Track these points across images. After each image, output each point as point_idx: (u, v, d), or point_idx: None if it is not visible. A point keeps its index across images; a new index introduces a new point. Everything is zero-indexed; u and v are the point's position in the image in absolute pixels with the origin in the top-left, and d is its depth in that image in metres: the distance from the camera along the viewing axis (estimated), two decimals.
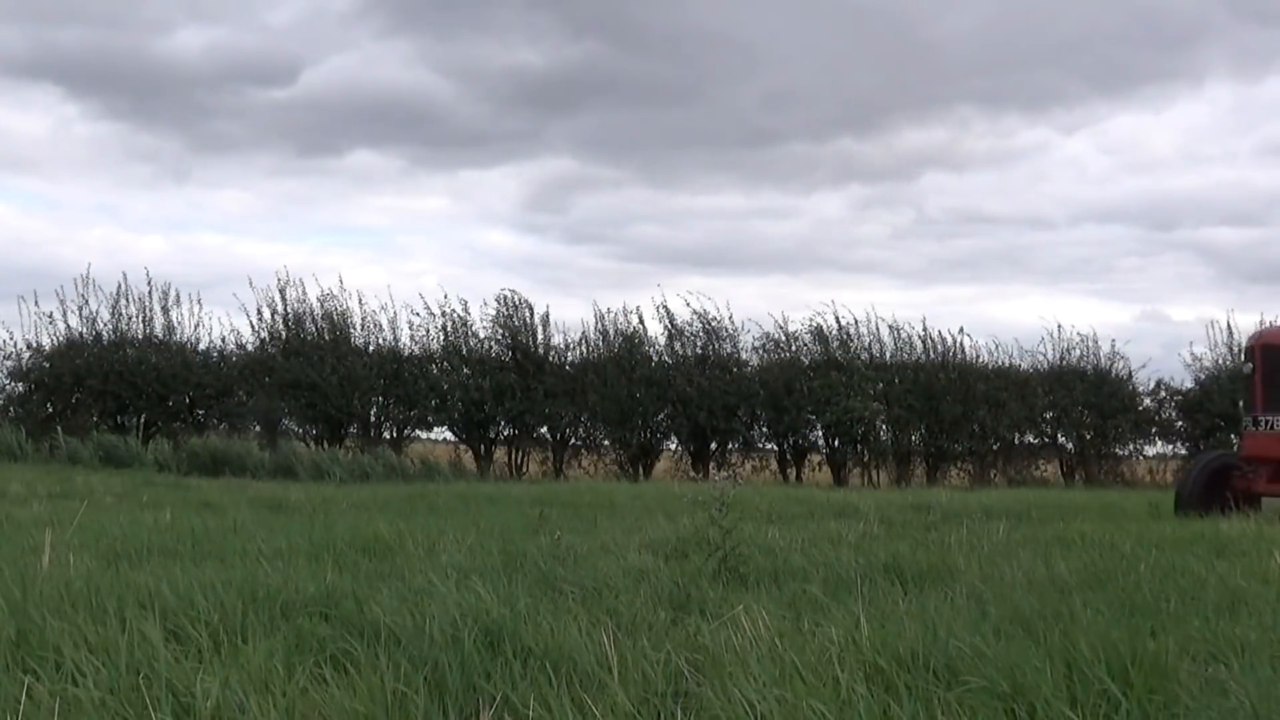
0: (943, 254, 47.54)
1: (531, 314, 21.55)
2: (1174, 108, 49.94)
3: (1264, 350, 10.61)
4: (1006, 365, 22.42)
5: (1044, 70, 45.24)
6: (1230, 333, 22.38)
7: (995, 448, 21.93)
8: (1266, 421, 10.41)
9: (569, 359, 21.77)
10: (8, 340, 20.66)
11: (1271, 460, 10.38)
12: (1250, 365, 10.67)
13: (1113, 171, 50.88)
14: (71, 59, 41.46)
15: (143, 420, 20.78)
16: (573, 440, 22.04)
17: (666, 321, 21.70)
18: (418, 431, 21.98)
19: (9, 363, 20.64)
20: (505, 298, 21.54)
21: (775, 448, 22.12)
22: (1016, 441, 22.17)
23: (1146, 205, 49.99)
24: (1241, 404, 10.93)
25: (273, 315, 21.22)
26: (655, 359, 21.57)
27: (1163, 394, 23.03)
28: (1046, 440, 22.63)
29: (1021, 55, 44.32)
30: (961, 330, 22.51)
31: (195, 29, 44.30)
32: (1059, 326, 23.93)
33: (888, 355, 22.09)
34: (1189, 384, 22.80)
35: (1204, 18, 43.30)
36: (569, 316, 45.01)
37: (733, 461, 21.96)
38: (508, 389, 20.73)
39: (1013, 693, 3.05)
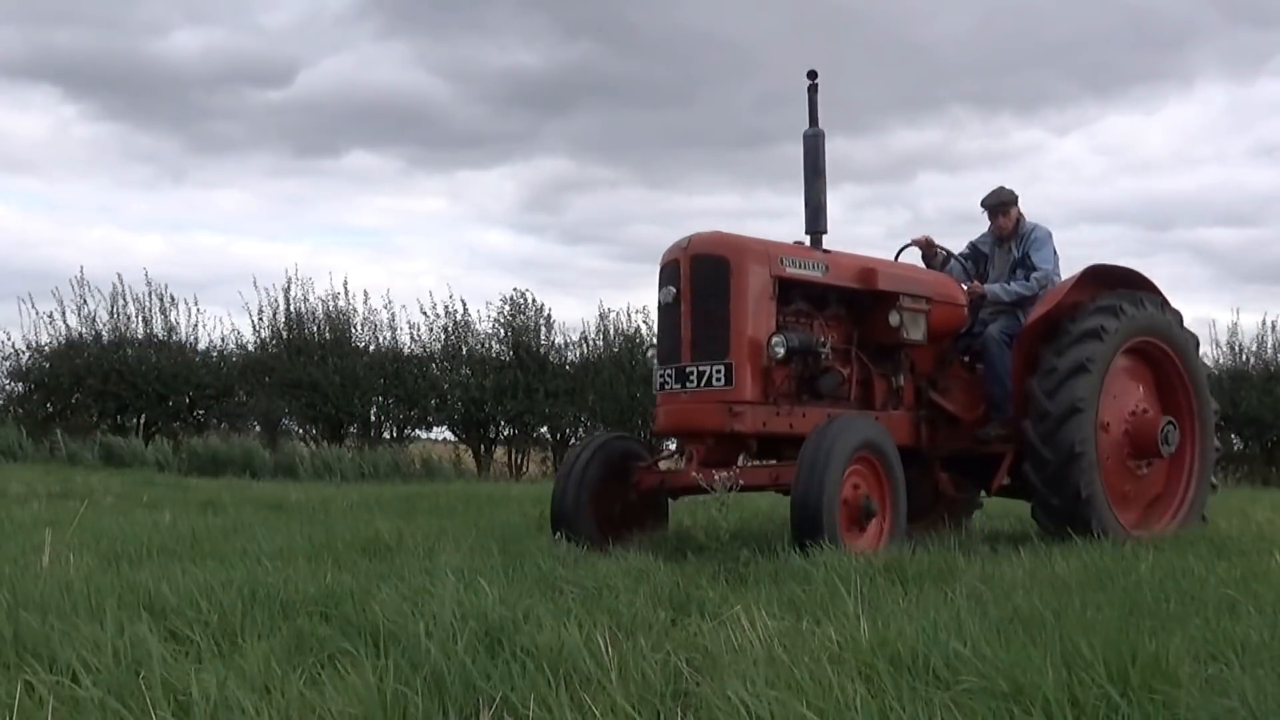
0: None
1: (537, 313, 21.58)
2: (1166, 108, 50.13)
3: (697, 264, 6.94)
4: None
5: (1036, 71, 45.37)
6: (1232, 331, 22.40)
7: None
8: (700, 373, 6.80)
9: (569, 359, 21.80)
10: (7, 340, 20.70)
11: (709, 432, 6.85)
12: (673, 291, 6.94)
13: (1107, 172, 51.04)
14: (69, 60, 41.53)
15: (143, 420, 20.79)
16: (573, 440, 22.05)
17: None
18: (418, 431, 22.01)
19: (8, 363, 20.68)
20: (511, 298, 21.60)
21: None
22: None
23: (1142, 206, 50.15)
24: (652, 352, 7.11)
25: (274, 315, 21.25)
26: None
27: None
28: None
29: (1013, 56, 44.43)
30: None
31: (191, 30, 44.39)
32: None
33: None
34: None
35: (1194, 18, 43.41)
36: (567, 316, 45.06)
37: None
38: (508, 388, 20.74)
39: (1012, 693, 3.04)
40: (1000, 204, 8.51)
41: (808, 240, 7.58)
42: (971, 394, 8.13)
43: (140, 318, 20.82)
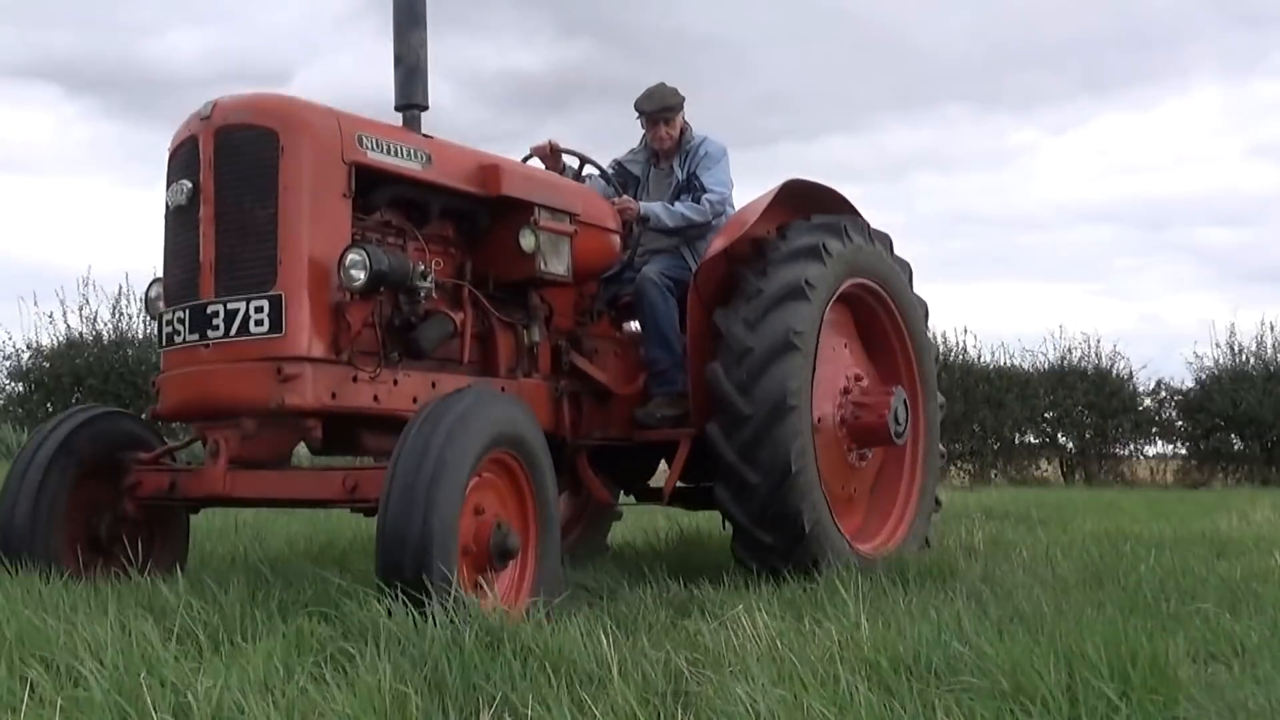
0: (934, 254, 47.72)
1: None
2: (1162, 108, 50.27)
3: (226, 143, 4.52)
4: (1008, 365, 22.39)
5: (1032, 71, 45.52)
6: (1231, 331, 22.42)
7: (996, 447, 21.90)
8: (230, 314, 4.43)
9: None
10: (7, 340, 20.72)
11: (244, 409, 4.46)
12: (188, 186, 4.56)
13: (1104, 172, 51.21)
14: (68, 60, 41.62)
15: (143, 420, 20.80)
16: None
17: None
18: None
19: (8, 363, 20.69)
20: None
21: None
22: (1016, 441, 22.13)
23: (1139, 206, 50.33)
24: (156, 290, 4.88)
25: None
26: None
27: (1163, 394, 23.02)
28: (1046, 440, 22.61)
29: (1009, 56, 44.55)
30: (965, 330, 22.44)
31: (189, 30, 44.51)
32: (1060, 327, 23.91)
33: None
34: (1189, 384, 22.80)
35: (1189, 18, 43.55)
36: None
37: None
38: None
39: (1013, 692, 3.04)
40: (663, 108, 6.20)
41: (400, 121, 5.13)
42: (627, 359, 6.02)
43: (141, 317, 20.83)
